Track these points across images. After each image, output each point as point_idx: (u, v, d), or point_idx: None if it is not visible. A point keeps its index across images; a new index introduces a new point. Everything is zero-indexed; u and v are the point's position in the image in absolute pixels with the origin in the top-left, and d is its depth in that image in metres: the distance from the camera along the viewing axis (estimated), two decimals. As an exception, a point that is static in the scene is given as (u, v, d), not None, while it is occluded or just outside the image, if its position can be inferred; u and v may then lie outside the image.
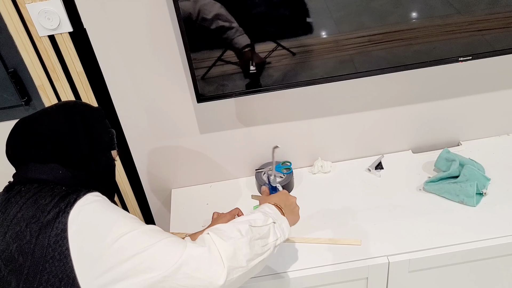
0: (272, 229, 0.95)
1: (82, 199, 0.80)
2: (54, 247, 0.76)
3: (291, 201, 1.11)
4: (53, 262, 0.76)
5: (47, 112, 0.93)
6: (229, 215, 1.27)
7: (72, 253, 0.75)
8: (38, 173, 0.87)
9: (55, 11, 1.15)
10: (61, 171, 0.88)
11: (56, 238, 0.76)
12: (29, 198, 0.82)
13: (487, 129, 1.52)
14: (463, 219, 1.24)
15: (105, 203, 0.82)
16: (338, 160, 1.52)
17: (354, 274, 1.17)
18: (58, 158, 0.88)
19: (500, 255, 1.19)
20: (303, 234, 1.26)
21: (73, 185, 0.87)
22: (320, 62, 1.21)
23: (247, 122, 1.40)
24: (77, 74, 1.27)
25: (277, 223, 0.97)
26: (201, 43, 1.13)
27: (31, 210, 0.80)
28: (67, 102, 0.98)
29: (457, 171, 1.31)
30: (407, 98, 1.41)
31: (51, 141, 0.89)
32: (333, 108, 1.40)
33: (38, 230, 0.77)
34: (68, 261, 0.75)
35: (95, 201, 0.81)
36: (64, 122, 0.91)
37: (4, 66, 1.24)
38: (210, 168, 1.49)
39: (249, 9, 1.10)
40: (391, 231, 1.23)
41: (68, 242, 0.76)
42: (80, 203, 0.79)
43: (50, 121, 0.91)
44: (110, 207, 0.82)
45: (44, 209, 0.79)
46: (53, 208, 0.79)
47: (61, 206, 0.79)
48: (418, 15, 1.16)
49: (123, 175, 1.50)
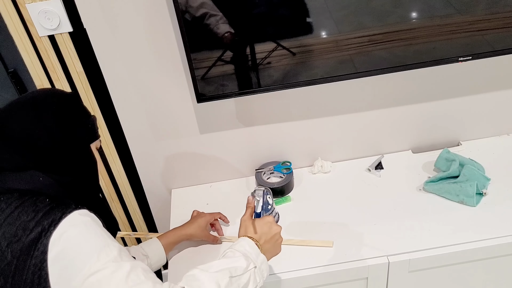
0: (252, 276, 0.88)
1: (68, 218, 0.75)
2: (34, 270, 0.73)
3: (275, 232, 0.99)
4: (32, 286, 0.73)
5: (14, 110, 0.83)
6: (209, 216, 1.26)
7: (51, 279, 0.73)
8: (16, 183, 0.79)
9: (55, 11, 1.15)
10: (41, 178, 0.80)
11: (35, 261, 0.73)
12: (11, 213, 0.76)
13: (487, 129, 1.52)
14: (463, 219, 1.24)
15: (91, 226, 0.77)
16: (338, 160, 1.52)
17: (354, 274, 1.17)
18: (35, 163, 0.81)
19: (500, 255, 1.19)
20: (303, 234, 1.26)
21: (57, 194, 0.81)
22: (320, 62, 1.21)
23: (247, 122, 1.40)
24: (77, 74, 1.27)
25: (257, 268, 0.89)
26: (201, 43, 1.13)
27: (13, 228, 0.75)
28: (36, 96, 0.86)
29: (457, 171, 1.31)
30: (407, 98, 1.41)
31: (24, 144, 0.81)
32: (333, 108, 1.40)
33: (19, 251, 0.73)
34: (47, 287, 0.73)
35: (81, 223, 0.76)
36: (36, 122, 0.82)
37: (4, 66, 1.24)
38: (210, 168, 1.49)
39: (249, 9, 1.10)
40: (391, 231, 1.23)
41: (47, 267, 0.73)
42: (64, 223, 0.75)
43: (20, 121, 0.82)
44: (94, 232, 0.77)
45: (26, 227, 0.74)
46: (36, 227, 0.74)
47: (44, 224, 0.74)
48: (418, 15, 1.16)
49: (123, 175, 1.50)
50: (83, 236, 0.76)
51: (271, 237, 0.98)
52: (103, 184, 1.51)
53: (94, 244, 0.76)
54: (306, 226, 1.29)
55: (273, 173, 1.46)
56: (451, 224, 1.22)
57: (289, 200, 1.40)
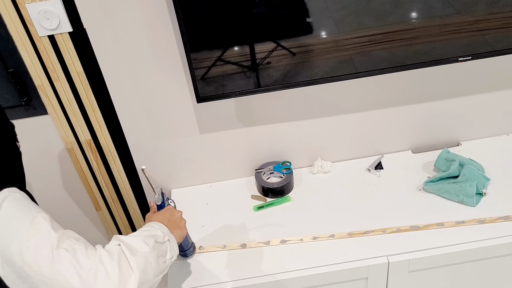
0: (168, 246, 0.97)
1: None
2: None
3: (176, 216, 1.09)
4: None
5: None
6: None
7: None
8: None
9: (55, 11, 1.15)
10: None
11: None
12: None
13: (487, 129, 1.52)
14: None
15: (22, 200, 0.81)
16: (338, 160, 1.52)
17: (354, 274, 1.17)
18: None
19: (500, 255, 1.19)
20: (303, 234, 1.26)
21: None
22: (320, 62, 1.21)
23: (247, 122, 1.40)
24: (77, 74, 1.27)
25: (170, 242, 0.98)
26: (201, 43, 1.13)
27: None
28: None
29: (457, 171, 1.31)
30: (407, 98, 1.41)
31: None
32: (332, 108, 1.40)
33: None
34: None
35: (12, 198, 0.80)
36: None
37: (4, 66, 1.24)
38: (210, 168, 1.49)
39: (249, 9, 1.10)
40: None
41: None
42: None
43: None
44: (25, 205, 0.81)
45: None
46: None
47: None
48: (418, 15, 1.16)
49: (123, 175, 1.50)
50: (15, 207, 0.79)
51: (174, 219, 1.08)
52: (103, 184, 1.51)
53: (26, 213, 0.79)
54: (306, 226, 1.29)
55: (273, 173, 1.46)
56: (451, 224, 1.22)
57: (289, 200, 1.40)
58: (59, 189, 1.51)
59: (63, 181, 1.50)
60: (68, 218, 1.57)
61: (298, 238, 1.25)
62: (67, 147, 1.41)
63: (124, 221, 1.64)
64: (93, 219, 1.61)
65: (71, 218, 1.58)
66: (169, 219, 1.07)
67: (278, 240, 1.26)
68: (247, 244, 1.26)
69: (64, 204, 1.55)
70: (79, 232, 0.87)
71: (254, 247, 1.25)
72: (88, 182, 1.50)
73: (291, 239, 1.25)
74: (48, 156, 1.42)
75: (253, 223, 1.33)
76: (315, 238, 1.25)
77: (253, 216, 1.36)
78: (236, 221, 1.35)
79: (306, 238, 1.25)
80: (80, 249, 0.79)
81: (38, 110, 1.33)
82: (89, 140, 1.40)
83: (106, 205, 1.57)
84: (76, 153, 1.42)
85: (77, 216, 1.59)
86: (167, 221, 1.05)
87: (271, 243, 1.26)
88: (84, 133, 1.38)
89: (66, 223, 1.56)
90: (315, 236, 1.25)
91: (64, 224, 0.86)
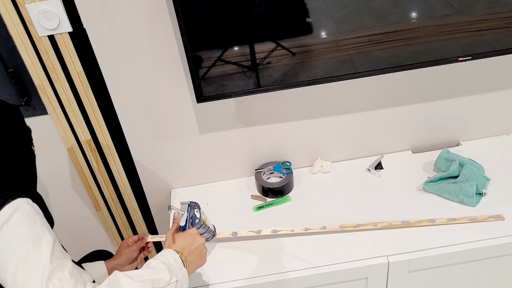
0: None
1: (12, 203, 0.80)
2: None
3: (198, 243, 1.04)
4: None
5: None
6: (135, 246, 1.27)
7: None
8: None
9: (54, 11, 1.15)
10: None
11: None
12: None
13: (487, 129, 1.52)
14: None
15: (32, 215, 0.82)
16: (338, 160, 1.52)
17: (354, 274, 1.17)
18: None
19: (500, 255, 1.19)
20: (302, 233, 1.26)
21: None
22: (320, 62, 1.21)
23: (247, 122, 1.40)
24: (77, 74, 1.27)
25: (178, 282, 0.93)
26: (201, 43, 1.13)
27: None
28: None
29: (456, 171, 1.31)
30: (407, 98, 1.41)
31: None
32: (332, 108, 1.40)
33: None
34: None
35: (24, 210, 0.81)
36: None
37: (4, 66, 1.24)
38: (210, 168, 1.49)
39: (249, 9, 1.10)
40: (391, 231, 1.23)
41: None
42: (8, 208, 0.79)
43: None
44: (34, 221, 0.82)
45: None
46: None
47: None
48: (418, 15, 1.16)
49: (123, 175, 1.50)
50: (23, 222, 0.80)
51: (194, 248, 1.02)
52: (103, 184, 1.51)
53: (32, 231, 0.80)
54: (306, 226, 1.29)
55: (273, 173, 1.46)
56: (451, 224, 1.22)
57: (288, 200, 1.40)
58: (59, 189, 1.51)
59: (63, 181, 1.50)
60: (68, 218, 1.57)
61: (298, 238, 1.25)
62: (67, 147, 1.41)
63: (124, 221, 1.64)
64: (93, 219, 1.61)
65: (71, 218, 1.58)
66: (190, 247, 1.01)
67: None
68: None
69: (64, 204, 1.55)
70: (79, 232, 0.87)
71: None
72: (88, 182, 1.50)
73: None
74: (48, 156, 1.42)
75: (253, 223, 1.33)
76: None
77: (253, 216, 1.36)
78: (236, 221, 1.35)
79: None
80: (68, 286, 0.79)
81: (38, 110, 1.33)
82: (89, 140, 1.40)
83: (106, 205, 1.57)
84: (76, 153, 1.42)
85: (77, 216, 1.59)
86: (187, 250, 1.00)
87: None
88: (84, 133, 1.38)
89: (66, 223, 1.57)
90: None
91: (64, 224, 0.87)
